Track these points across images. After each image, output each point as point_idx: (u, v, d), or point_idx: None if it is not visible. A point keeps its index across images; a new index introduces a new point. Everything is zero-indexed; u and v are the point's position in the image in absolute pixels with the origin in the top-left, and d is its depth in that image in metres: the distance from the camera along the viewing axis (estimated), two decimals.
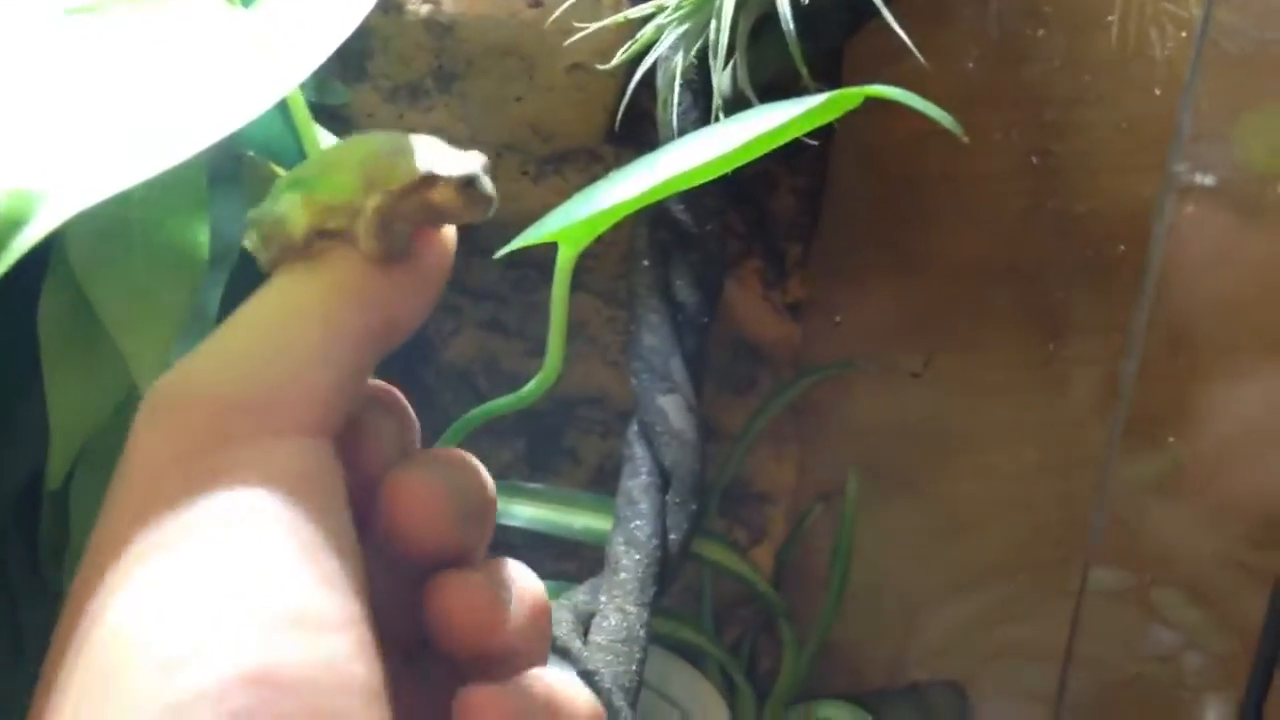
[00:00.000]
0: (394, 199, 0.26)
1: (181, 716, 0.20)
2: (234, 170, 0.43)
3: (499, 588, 0.27)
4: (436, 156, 0.27)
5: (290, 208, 0.26)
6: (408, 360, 0.65)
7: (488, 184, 0.27)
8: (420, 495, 0.26)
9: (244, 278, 0.44)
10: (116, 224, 0.35)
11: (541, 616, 0.28)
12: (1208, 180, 0.50)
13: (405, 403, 0.29)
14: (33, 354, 0.39)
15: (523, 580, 0.28)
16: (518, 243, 0.36)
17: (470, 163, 0.27)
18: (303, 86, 0.37)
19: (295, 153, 0.43)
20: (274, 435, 0.24)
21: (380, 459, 0.28)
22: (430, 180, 0.26)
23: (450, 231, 0.28)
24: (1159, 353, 0.53)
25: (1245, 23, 0.47)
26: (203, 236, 0.40)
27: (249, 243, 0.27)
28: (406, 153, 0.27)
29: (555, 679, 0.27)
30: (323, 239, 0.26)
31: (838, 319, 0.67)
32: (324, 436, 0.25)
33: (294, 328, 0.25)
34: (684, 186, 0.36)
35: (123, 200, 0.30)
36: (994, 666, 0.69)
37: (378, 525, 0.27)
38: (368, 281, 0.26)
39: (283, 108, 0.39)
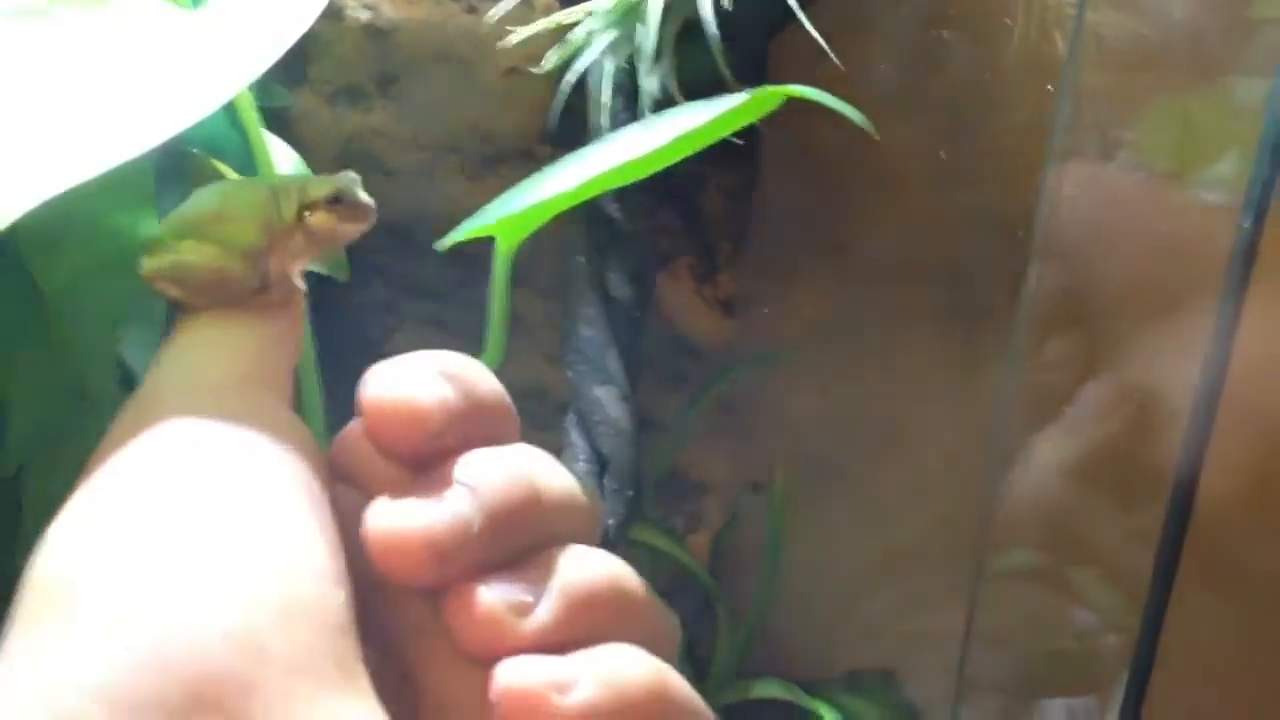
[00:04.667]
0: (286, 238, 0.30)
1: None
2: (179, 167, 0.44)
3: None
4: (304, 185, 0.30)
5: (192, 254, 0.30)
6: (348, 358, 0.66)
7: (357, 193, 0.30)
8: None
9: None
10: (65, 216, 0.37)
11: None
12: (1088, 168, 0.53)
13: None
14: None
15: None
16: (455, 235, 0.38)
17: (334, 180, 0.30)
18: (249, 88, 0.39)
19: (240, 151, 0.44)
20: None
21: None
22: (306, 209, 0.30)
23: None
24: (1058, 335, 0.56)
25: (1125, 18, 0.50)
26: (149, 230, 0.41)
27: (156, 287, 0.30)
28: (285, 193, 0.30)
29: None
30: (225, 280, 0.30)
31: (765, 311, 0.69)
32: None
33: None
34: (616, 183, 0.38)
35: (72, 193, 0.31)
36: (923, 650, 0.71)
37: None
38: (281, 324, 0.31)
39: (229, 108, 0.40)
